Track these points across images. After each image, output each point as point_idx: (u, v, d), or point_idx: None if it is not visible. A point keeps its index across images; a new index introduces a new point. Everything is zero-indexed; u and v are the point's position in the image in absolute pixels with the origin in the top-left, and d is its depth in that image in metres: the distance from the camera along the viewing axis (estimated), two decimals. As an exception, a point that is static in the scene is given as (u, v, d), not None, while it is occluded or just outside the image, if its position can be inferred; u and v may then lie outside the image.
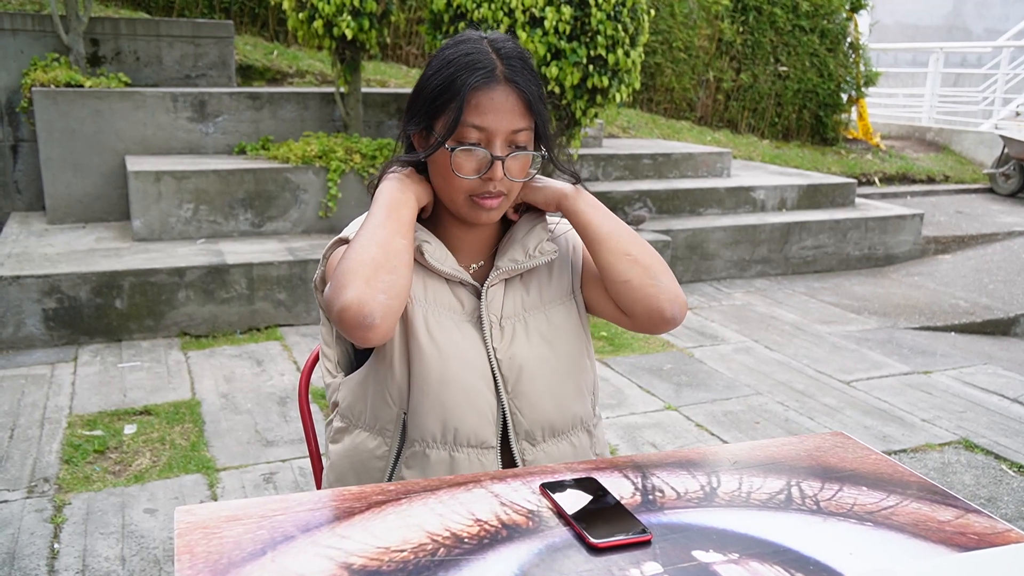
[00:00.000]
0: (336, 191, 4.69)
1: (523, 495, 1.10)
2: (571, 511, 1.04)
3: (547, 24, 4.18)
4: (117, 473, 2.75)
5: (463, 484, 1.12)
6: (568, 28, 4.21)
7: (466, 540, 0.99)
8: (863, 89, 9.53)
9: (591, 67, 4.34)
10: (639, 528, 1.01)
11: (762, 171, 6.93)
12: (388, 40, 5.67)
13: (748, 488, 1.14)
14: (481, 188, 1.27)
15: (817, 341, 4.35)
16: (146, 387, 3.41)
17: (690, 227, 5.37)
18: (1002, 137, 8.61)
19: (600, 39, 4.28)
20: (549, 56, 4.28)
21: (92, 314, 3.85)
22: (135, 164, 4.60)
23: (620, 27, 4.33)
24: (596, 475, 1.15)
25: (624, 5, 4.35)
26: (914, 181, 8.85)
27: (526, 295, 1.38)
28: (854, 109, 9.77)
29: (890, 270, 5.98)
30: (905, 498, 1.13)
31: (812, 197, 6.25)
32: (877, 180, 8.54)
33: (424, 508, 1.06)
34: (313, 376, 1.63)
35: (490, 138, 1.25)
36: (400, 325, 1.30)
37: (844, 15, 9.24)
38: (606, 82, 4.38)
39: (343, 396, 1.38)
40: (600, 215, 1.34)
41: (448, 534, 1.00)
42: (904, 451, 3.14)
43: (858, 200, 6.58)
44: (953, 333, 4.78)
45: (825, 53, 9.14)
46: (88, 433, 3.00)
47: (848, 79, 9.34)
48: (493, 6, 4.24)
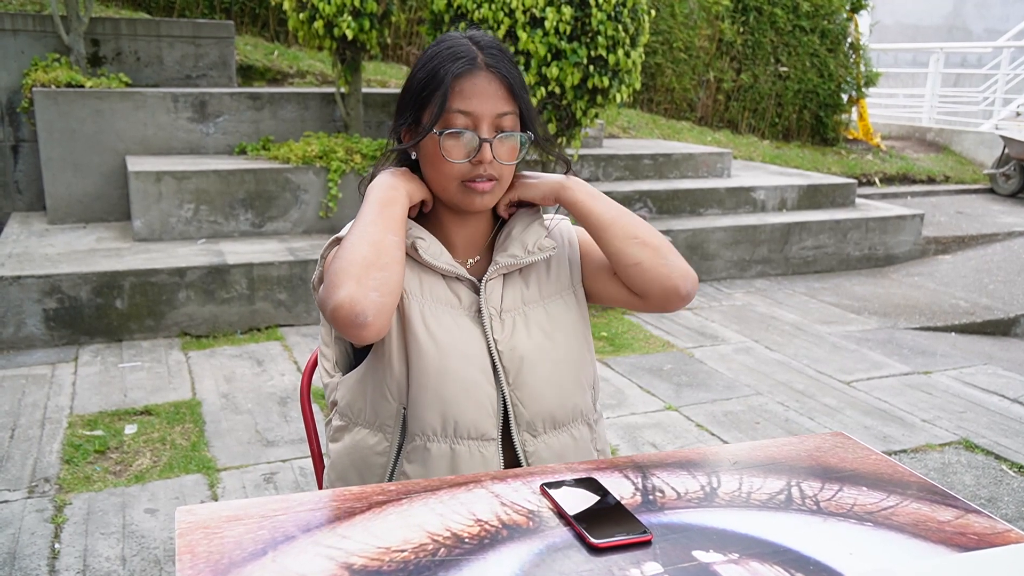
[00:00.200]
0: (336, 191, 4.69)
1: (523, 495, 1.10)
2: (571, 511, 1.04)
3: (547, 24, 4.18)
4: (118, 473, 2.75)
5: (464, 484, 1.12)
6: (568, 28, 4.21)
7: (467, 540, 0.99)
8: (863, 89, 9.53)
9: (591, 67, 4.34)
10: (639, 528, 1.01)
11: (762, 171, 6.93)
12: (389, 40, 5.68)
13: (748, 488, 1.14)
14: (472, 172, 1.29)
15: (817, 341, 4.35)
16: (147, 387, 3.42)
17: (690, 227, 5.38)
18: (1002, 137, 8.61)
19: (600, 39, 4.28)
20: (549, 56, 4.28)
21: (93, 314, 3.85)
22: (136, 164, 4.60)
23: (620, 27, 4.33)
24: (596, 475, 1.15)
25: (624, 5, 4.35)
26: (914, 181, 8.85)
27: (525, 289, 1.39)
28: (854, 109, 9.76)
29: (890, 270, 5.98)
30: (905, 498, 1.13)
31: (812, 197, 6.25)
32: (877, 180, 8.54)
33: (425, 508, 1.06)
34: (313, 376, 1.63)
35: (476, 122, 1.28)
36: (397, 321, 1.31)
37: (844, 15, 9.24)
38: (606, 82, 4.38)
39: (342, 395, 1.38)
40: (601, 203, 1.37)
41: (449, 534, 1.00)
42: (904, 451, 3.14)
43: (858, 200, 6.58)
44: (953, 333, 4.78)
45: (825, 53, 9.14)
46: (89, 433, 3.00)
47: (848, 79, 9.34)
48: (493, 6, 4.24)
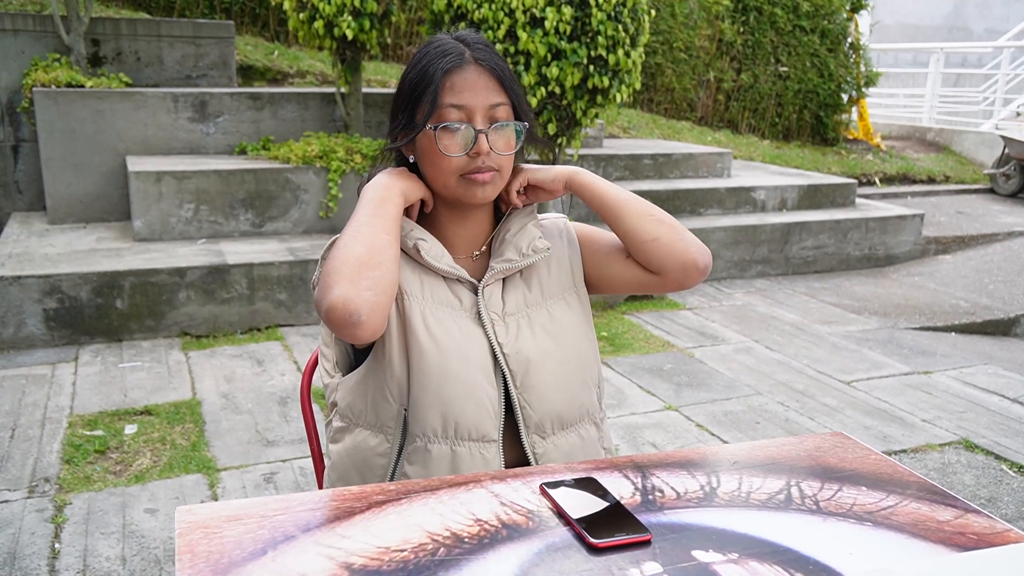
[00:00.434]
0: (337, 191, 4.69)
1: (523, 495, 1.10)
2: (571, 511, 1.04)
3: (548, 24, 4.18)
4: (118, 473, 2.75)
5: (463, 484, 1.12)
6: (569, 28, 4.22)
7: (466, 540, 0.99)
8: (863, 89, 9.53)
9: (592, 67, 4.34)
10: (639, 528, 1.01)
11: (762, 171, 6.93)
12: (389, 40, 5.68)
13: (748, 488, 1.14)
14: (470, 165, 1.30)
15: (817, 341, 4.35)
16: (147, 387, 3.42)
17: (691, 227, 5.34)
18: (1003, 137, 8.61)
19: (601, 39, 4.28)
20: (550, 56, 4.28)
21: (93, 314, 3.85)
22: (136, 164, 4.60)
23: (621, 27, 4.33)
24: (596, 475, 1.15)
25: (625, 5, 4.35)
26: (914, 181, 8.85)
27: (527, 292, 1.39)
28: (855, 109, 9.76)
29: (890, 270, 5.98)
30: (904, 498, 1.13)
31: (812, 197, 6.25)
32: (877, 180, 8.54)
33: (424, 508, 1.06)
34: (314, 376, 1.63)
35: (470, 115, 1.29)
36: (398, 322, 1.31)
37: (845, 15, 9.24)
38: (607, 82, 4.38)
39: (341, 396, 1.38)
40: (610, 185, 1.41)
41: (448, 534, 1.00)
42: (904, 451, 3.14)
43: (858, 200, 6.58)
44: (953, 333, 4.78)
45: (826, 53, 9.13)
46: (89, 433, 3.00)
47: (848, 79, 9.34)
48: (493, 6, 4.25)
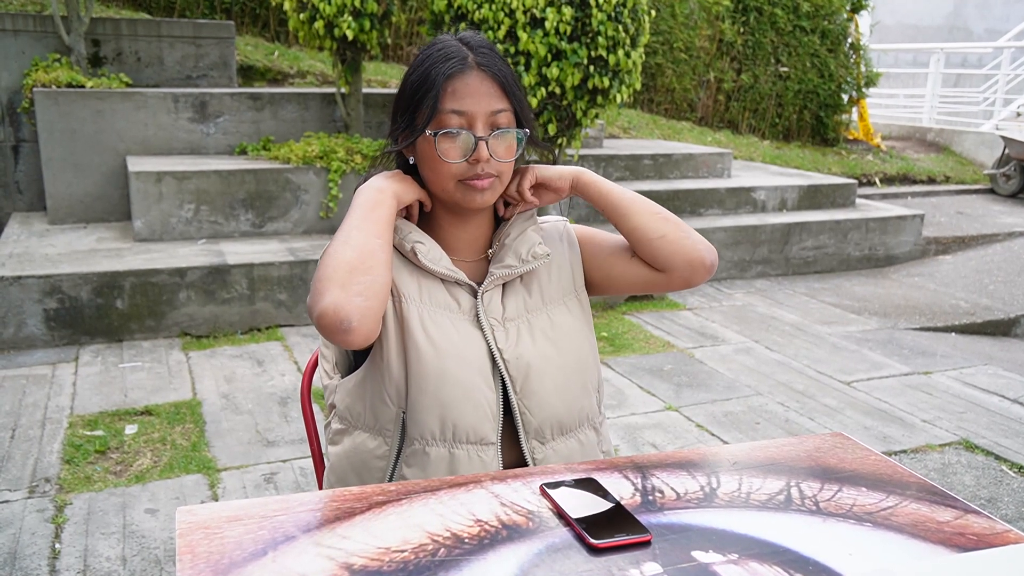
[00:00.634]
0: (337, 191, 4.70)
1: (523, 495, 1.10)
2: (571, 512, 1.04)
3: (548, 25, 4.18)
4: (118, 473, 2.75)
5: (463, 484, 1.13)
6: (569, 29, 4.22)
7: (466, 540, 0.99)
8: (864, 90, 9.53)
9: (592, 68, 4.34)
10: (639, 528, 1.01)
11: (763, 172, 6.93)
12: (389, 41, 5.67)
13: (748, 489, 1.14)
14: (469, 172, 1.29)
15: (817, 342, 4.35)
16: (147, 387, 3.42)
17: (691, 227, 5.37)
18: (1003, 138, 8.61)
19: (601, 40, 4.28)
20: (550, 57, 4.29)
21: (93, 314, 3.86)
22: (136, 164, 4.60)
23: (621, 28, 4.33)
24: (596, 476, 1.16)
25: (625, 6, 4.35)
26: (915, 182, 8.85)
27: (528, 297, 1.38)
28: (855, 110, 9.76)
29: (891, 271, 5.98)
30: (905, 499, 1.13)
31: (813, 198, 6.25)
32: (878, 181, 8.54)
33: (424, 508, 1.06)
34: (314, 376, 1.63)
35: (471, 122, 1.28)
36: (396, 325, 1.30)
37: (845, 16, 9.24)
38: (607, 83, 4.38)
39: (340, 398, 1.38)
40: (616, 186, 1.42)
41: (448, 534, 1.00)
42: (904, 452, 3.14)
43: (859, 201, 6.58)
44: (953, 334, 4.78)
45: (826, 54, 9.13)
46: (89, 433, 3.00)
47: (849, 80, 9.34)
48: (494, 7, 4.25)
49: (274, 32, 7.49)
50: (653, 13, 4.79)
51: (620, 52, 4.36)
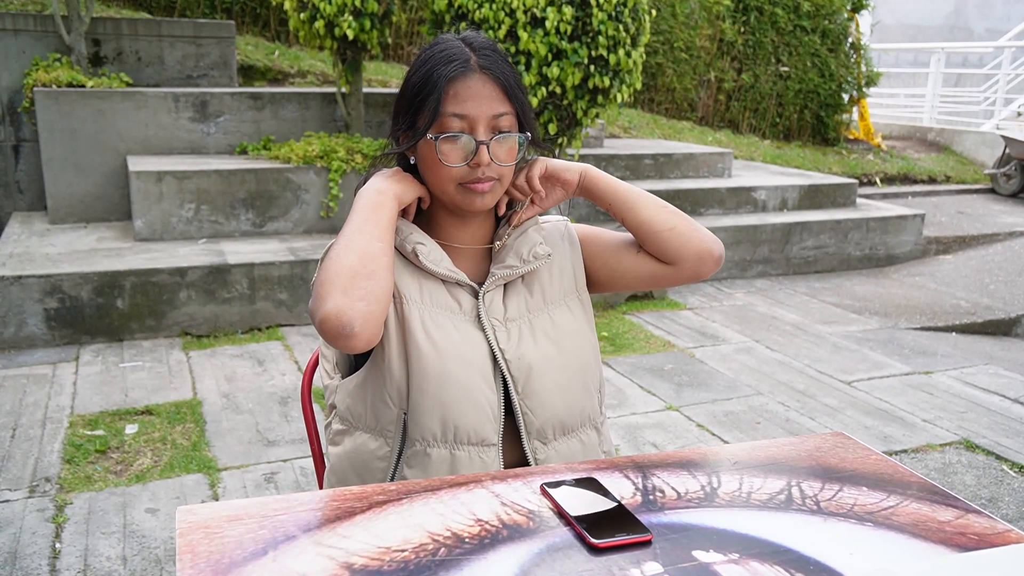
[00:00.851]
0: (337, 191, 4.70)
1: (524, 495, 1.10)
2: (572, 511, 1.04)
3: (548, 24, 4.18)
4: (118, 473, 2.75)
5: (464, 484, 1.12)
6: (569, 28, 4.21)
7: (467, 540, 0.99)
8: (864, 89, 9.52)
9: (592, 67, 4.34)
10: (640, 528, 1.01)
11: (763, 171, 6.93)
12: (389, 40, 5.68)
13: (748, 488, 1.14)
14: (470, 175, 1.29)
15: (818, 341, 4.35)
16: (147, 387, 3.42)
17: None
18: (1003, 137, 8.60)
19: (601, 39, 4.28)
20: (550, 56, 4.28)
21: (94, 314, 3.86)
22: (137, 164, 4.60)
23: (621, 27, 4.33)
24: (597, 475, 1.15)
25: (625, 5, 4.35)
26: (915, 181, 8.84)
27: (529, 297, 1.38)
28: (855, 109, 9.76)
29: (891, 270, 5.98)
30: (905, 498, 1.13)
31: (813, 197, 6.24)
32: (878, 180, 8.53)
33: (425, 508, 1.06)
34: (315, 376, 1.63)
35: (472, 125, 1.28)
36: (397, 326, 1.30)
37: (845, 15, 9.23)
38: (607, 82, 4.37)
39: (341, 399, 1.38)
40: (622, 183, 1.42)
41: (449, 534, 1.00)
42: (905, 451, 3.14)
43: (859, 200, 6.58)
44: (954, 333, 4.78)
45: (826, 53, 9.13)
46: (89, 433, 3.00)
47: (849, 79, 9.33)
48: (494, 6, 4.24)
49: (274, 32, 7.49)
50: (654, 13, 4.79)
51: (621, 52, 4.35)
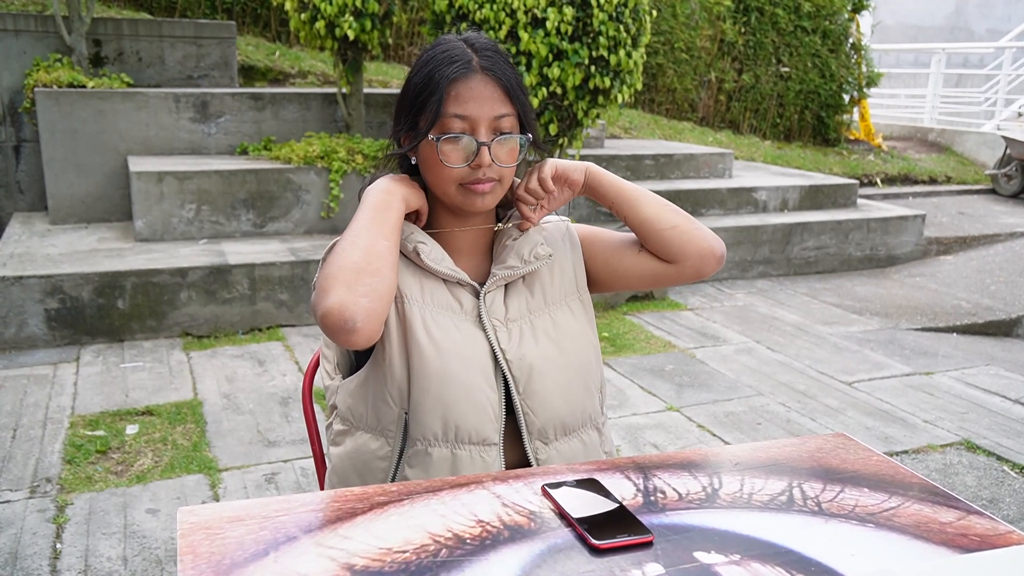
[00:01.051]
0: (338, 191, 4.70)
1: (525, 496, 1.10)
2: (573, 512, 1.04)
3: (549, 25, 4.18)
4: (119, 473, 2.75)
5: (465, 485, 1.12)
6: (570, 29, 4.21)
7: (468, 541, 0.99)
8: (865, 90, 9.52)
9: (593, 68, 4.34)
10: (641, 529, 1.01)
11: (764, 172, 6.93)
12: (390, 41, 5.68)
13: (750, 489, 1.14)
14: (471, 176, 1.29)
15: (819, 342, 4.35)
16: (148, 387, 3.42)
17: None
18: (1004, 138, 8.60)
19: (602, 40, 4.28)
20: (551, 57, 4.28)
21: (94, 314, 3.86)
22: (137, 164, 4.60)
23: (622, 28, 4.33)
24: (598, 476, 1.15)
25: (626, 6, 4.35)
26: (916, 182, 8.84)
27: (530, 298, 1.38)
28: (856, 110, 9.75)
29: (892, 271, 5.97)
30: (907, 499, 1.13)
31: (814, 198, 6.24)
32: (879, 181, 8.53)
33: (426, 509, 1.06)
34: (315, 376, 1.63)
35: (474, 126, 1.28)
36: (398, 325, 1.30)
37: (846, 16, 9.23)
38: (608, 83, 4.37)
39: (342, 399, 1.38)
40: (626, 183, 1.42)
41: (450, 535, 1.00)
42: (906, 452, 3.13)
43: (860, 201, 6.58)
44: (955, 334, 4.77)
45: (827, 54, 9.13)
46: (90, 433, 3.00)
47: (850, 80, 9.33)
48: (495, 7, 4.24)
49: (275, 32, 7.49)
50: (654, 13, 4.79)
51: (621, 52, 4.35)
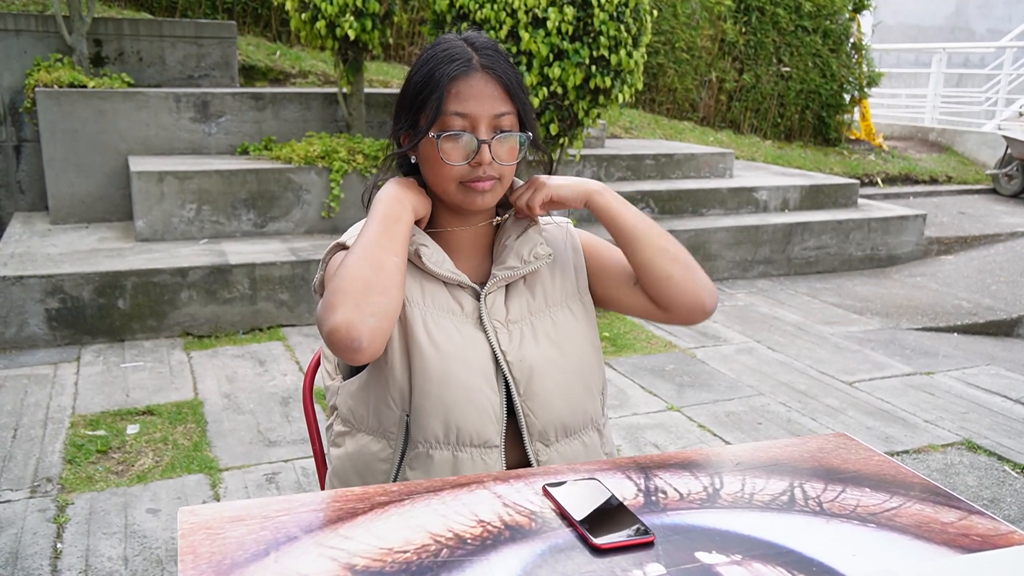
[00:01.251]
0: (339, 191, 4.69)
1: (526, 496, 1.10)
2: (574, 512, 1.04)
3: (550, 25, 4.18)
4: (120, 473, 2.75)
5: (466, 485, 1.12)
6: (571, 28, 4.21)
7: (469, 541, 0.99)
8: (866, 90, 9.52)
9: (594, 67, 4.33)
10: (642, 529, 1.01)
11: (764, 172, 6.92)
12: (391, 40, 5.68)
13: (751, 489, 1.14)
14: (471, 174, 1.28)
15: (819, 342, 4.34)
16: (149, 387, 3.42)
17: (692, 228, 5.37)
18: (1005, 138, 8.60)
19: (603, 39, 4.27)
20: (552, 56, 4.28)
21: (95, 314, 3.86)
22: (138, 164, 4.60)
23: (623, 27, 4.33)
24: (599, 476, 1.15)
25: (627, 6, 4.35)
26: (917, 182, 8.84)
27: (531, 299, 1.38)
28: (857, 110, 9.75)
29: (892, 271, 5.97)
30: (908, 499, 1.13)
31: (815, 198, 6.24)
32: (880, 181, 8.53)
33: (427, 509, 1.06)
34: (316, 376, 1.63)
35: (474, 124, 1.28)
36: (399, 328, 1.30)
37: (847, 15, 9.23)
38: (609, 82, 4.37)
39: (343, 401, 1.38)
40: (629, 211, 1.38)
41: (451, 535, 1.00)
42: (907, 452, 3.13)
43: (860, 201, 6.57)
44: (956, 334, 4.77)
45: (828, 54, 9.13)
46: (91, 433, 3.00)
47: (851, 79, 9.33)
48: (495, 6, 4.24)
49: (276, 32, 7.49)
50: (655, 13, 4.78)
51: (622, 52, 4.35)
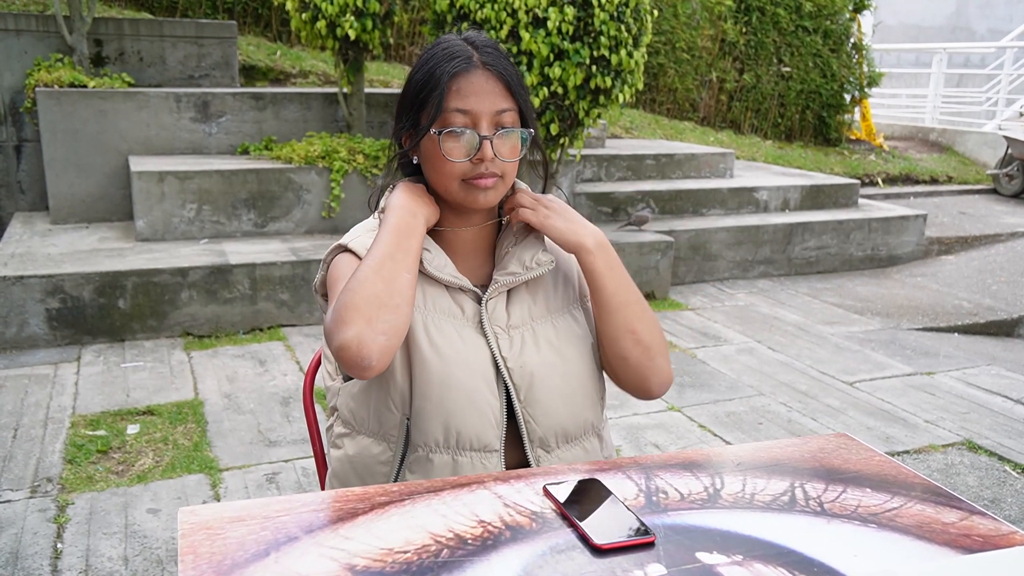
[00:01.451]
0: (339, 191, 4.69)
1: (526, 496, 1.09)
2: (574, 512, 1.04)
3: (550, 25, 4.18)
4: (120, 473, 2.75)
5: (466, 485, 1.12)
6: (571, 28, 4.21)
7: (469, 541, 0.99)
8: (866, 90, 9.52)
9: (594, 67, 4.33)
10: (643, 529, 1.01)
11: (765, 172, 6.92)
12: (391, 40, 5.68)
13: (752, 490, 1.14)
14: (473, 171, 1.28)
15: (820, 342, 4.34)
16: (149, 387, 3.42)
17: (693, 228, 5.37)
18: (1005, 138, 8.60)
19: (603, 39, 4.27)
20: (552, 56, 4.28)
21: (95, 314, 3.86)
22: (138, 164, 4.60)
23: (623, 27, 4.32)
24: (599, 476, 1.15)
25: (627, 6, 4.34)
26: (917, 182, 8.84)
27: (533, 305, 1.37)
28: (857, 110, 9.75)
29: (893, 271, 5.97)
30: (909, 500, 1.13)
31: (815, 198, 6.24)
32: (880, 181, 8.53)
33: (427, 509, 1.06)
34: (316, 376, 1.63)
35: (475, 121, 1.27)
36: None
37: (847, 15, 9.23)
38: (609, 82, 4.37)
39: (343, 402, 1.38)
40: (615, 282, 1.34)
41: (451, 535, 1.00)
42: (907, 452, 3.13)
43: (861, 201, 6.57)
44: (956, 334, 4.77)
45: (828, 54, 9.13)
46: (91, 433, 3.00)
47: (851, 80, 9.33)
48: (496, 6, 4.24)
49: (276, 32, 7.49)
50: (655, 13, 4.78)
51: (622, 52, 4.35)
